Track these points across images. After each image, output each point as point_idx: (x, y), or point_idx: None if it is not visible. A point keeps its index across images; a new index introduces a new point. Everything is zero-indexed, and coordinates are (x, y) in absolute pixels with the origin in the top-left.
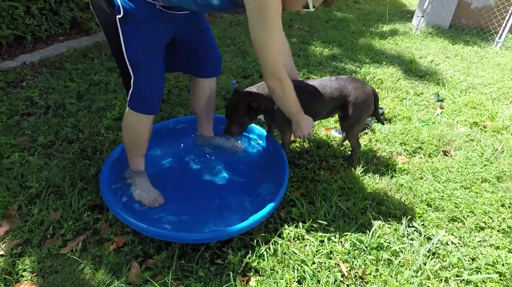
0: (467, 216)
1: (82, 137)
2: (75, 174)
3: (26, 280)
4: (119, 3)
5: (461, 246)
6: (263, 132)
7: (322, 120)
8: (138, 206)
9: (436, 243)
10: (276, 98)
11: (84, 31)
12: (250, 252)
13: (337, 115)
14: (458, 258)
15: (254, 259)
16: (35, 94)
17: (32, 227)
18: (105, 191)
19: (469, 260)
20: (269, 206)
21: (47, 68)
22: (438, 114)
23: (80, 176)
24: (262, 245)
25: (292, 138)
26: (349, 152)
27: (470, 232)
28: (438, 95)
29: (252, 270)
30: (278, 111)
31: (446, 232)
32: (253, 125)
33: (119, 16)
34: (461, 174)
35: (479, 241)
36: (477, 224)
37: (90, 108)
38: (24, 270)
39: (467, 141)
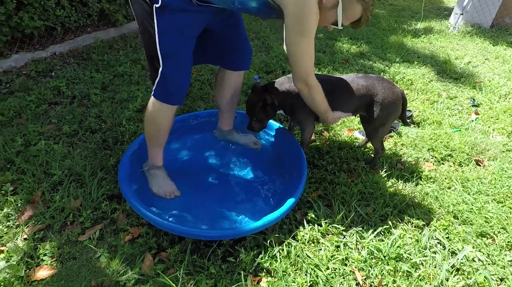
0: (498, 232)
1: (104, 127)
2: (95, 164)
3: (46, 265)
4: None
5: (489, 264)
6: (282, 129)
7: (345, 121)
8: (154, 199)
9: (462, 259)
10: (304, 98)
11: (111, 23)
12: (262, 252)
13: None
14: (484, 276)
15: (267, 260)
16: (63, 84)
17: (53, 213)
18: (123, 182)
19: (497, 280)
20: (285, 207)
21: (75, 59)
22: (473, 120)
23: (100, 165)
24: (276, 246)
25: (313, 137)
26: (372, 155)
27: (500, 250)
28: (474, 99)
29: (264, 270)
30: (297, 106)
31: (473, 247)
32: (272, 122)
33: (157, 6)
34: (494, 187)
35: (510, 261)
36: (508, 242)
37: (113, 99)
38: (45, 255)
39: (504, 151)
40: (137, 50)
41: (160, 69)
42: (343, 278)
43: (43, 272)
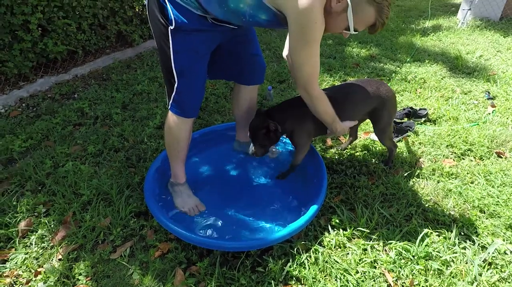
0: None
1: (127, 146)
2: (121, 182)
3: (82, 284)
4: (172, 17)
5: None
6: None
7: (361, 124)
8: (180, 214)
9: (493, 253)
10: (308, 107)
11: (128, 43)
12: (290, 260)
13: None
14: None
15: (295, 268)
16: (85, 105)
17: (85, 233)
18: (149, 199)
19: None
20: (309, 213)
21: (96, 80)
22: (490, 113)
23: (126, 183)
24: (303, 253)
25: (330, 142)
26: (387, 155)
27: None
28: (489, 92)
29: (294, 278)
30: (297, 131)
31: (504, 240)
32: None
33: (171, 28)
34: None
35: None
36: None
37: (133, 117)
38: (80, 274)
39: None
40: (153, 68)
41: (176, 85)
42: (374, 280)
43: None
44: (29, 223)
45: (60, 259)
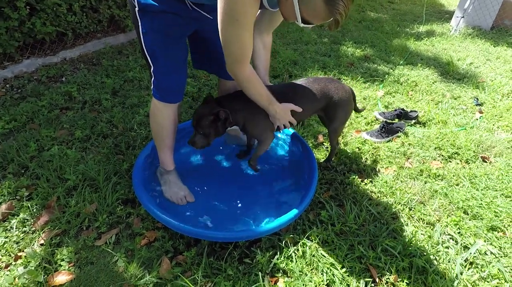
0: (508, 226)
1: (116, 133)
2: (109, 169)
3: (64, 270)
4: None
5: (501, 257)
6: (291, 131)
7: (353, 122)
8: (168, 203)
9: (474, 253)
10: (241, 89)
11: (121, 29)
12: (278, 253)
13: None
14: (498, 269)
15: (283, 260)
16: (74, 89)
17: (69, 218)
18: (137, 186)
19: (510, 272)
20: (298, 208)
21: (85, 64)
22: (477, 119)
23: (114, 170)
24: (291, 246)
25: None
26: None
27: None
28: (477, 99)
29: (281, 271)
30: (248, 120)
31: (485, 241)
32: None
33: (137, 9)
34: (502, 182)
35: None
36: None
37: (124, 104)
38: (62, 260)
39: (509, 148)
40: None
41: (152, 69)
42: (359, 275)
43: (61, 277)
44: (10, 206)
45: (42, 244)
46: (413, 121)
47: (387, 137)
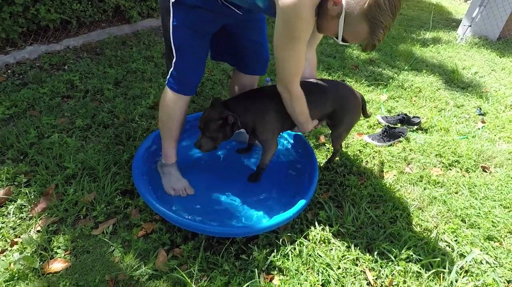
0: (505, 236)
1: (117, 123)
2: (109, 159)
3: (60, 257)
4: None
5: (496, 266)
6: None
7: (355, 125)
8: (167, 196)
9: (470, 261)
10: (285, 104)
11: (125, 20)
12: (275, 250)
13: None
14: (493, 278)
15: (279, 258)
16: (76, 78)
17: (67, 206)
18: (137, 178)
19: (504, 282)
20: (297, 207)
21: (88, 53)
22: (479, 128)
23: (113, 160)
24: (288, 245)
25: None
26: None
27: (508, 254)
28: (481, 108)
29: (276, 268)
30: (259, 124)
31: (481, 250)
32: None
33: (172, 1)
34: (501, 193)
35: None
36: None
37: (126, 95)
38: (58, 247)
39: (509, 159)
40: (150, 47)
41: (174, 60)
42: (354, 277)
43: (57, 265)
44: (8, 192)
45: (38, 231)
46: (415, 127)
47: (389, 142)
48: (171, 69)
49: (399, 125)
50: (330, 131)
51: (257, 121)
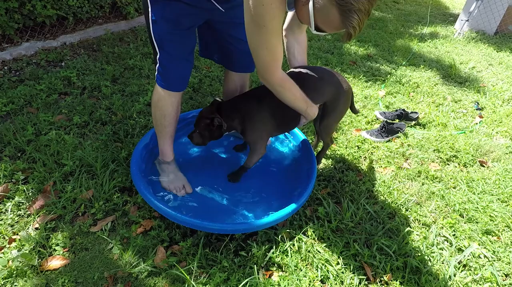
0: (503, 230)
1: (115, 120)
2: (107, 156)
3: (58, 255)
4: None
5: (494, 260)
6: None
7: (353, 121)
8: (166, 192)
9: (468, 255)
10: (278, 97)
11: (122, 16)
12: (274, 247)
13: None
14: (491, 272)
15: (278, 255)
16: (73, 75)
17: (65, 204)
18: (135, 175)
19: (502, 276)
20: (296, 203)
21: (85, 50)
22: (477, 123)
23: (111, 157)
24: (287, 241)
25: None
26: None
27: (505, 248)
28: (478, 103)
29: (275, 265)
30: (248, 126)
31: (479, 245)
32: None
33: None
34: (499, 187)
35: None
36: None
37: (123, 91)
38: (57, 245)
39: (507, 153)
40: (147, 44)
41: (158, 56)
42: (353, 273)
43: (55, 262)
44: (5, 189)
45: (36, 228)
46: (413, 122)
47: (387, 137)
48: (157, 66)
49: (397, 120)
50: (319, 123)
51: (247, 122)
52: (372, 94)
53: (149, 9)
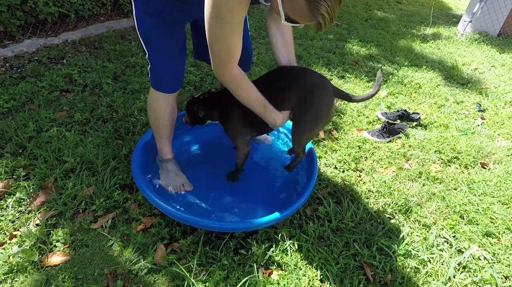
0: (503, 232)
1: (116, 117)
2: (108, 153)
3: (59, 251)
4: None
5: (494, 262)
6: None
7: (354, 121)
8: (165, 190)
9: (468, 257)
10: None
11: (124, 13)
12: (273, 245)
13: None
14: (490, 274)
15: (278, 253)
16: (75, 72)
17: (66, 200)
18: (136, 172)
19: (502, 278)
20: (296, 202)
21: (87, 47)
22: (478, 125)
23: (112, 155)
24: (287, 240)
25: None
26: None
27: (505, 250)
28: (480, 105)
29: (275, 264)
30: (224, 120)
31: (479, 246)
32: None
33: None
34: (500, 189)
35: None
36: None
37: (125, 89)
38: (57, 241)
39: (508, 155)
40: None
41: (147, 55)
42: (353, 273)
43: (56, 258)
44: (6, 185)
45: (37, 224)
46: (415, 123)
47: (388, 138)
48: (149, 67)
49: (398, 121)
50: (292, 127)
51: (224, 116)
52: None
53: (133, 6)
